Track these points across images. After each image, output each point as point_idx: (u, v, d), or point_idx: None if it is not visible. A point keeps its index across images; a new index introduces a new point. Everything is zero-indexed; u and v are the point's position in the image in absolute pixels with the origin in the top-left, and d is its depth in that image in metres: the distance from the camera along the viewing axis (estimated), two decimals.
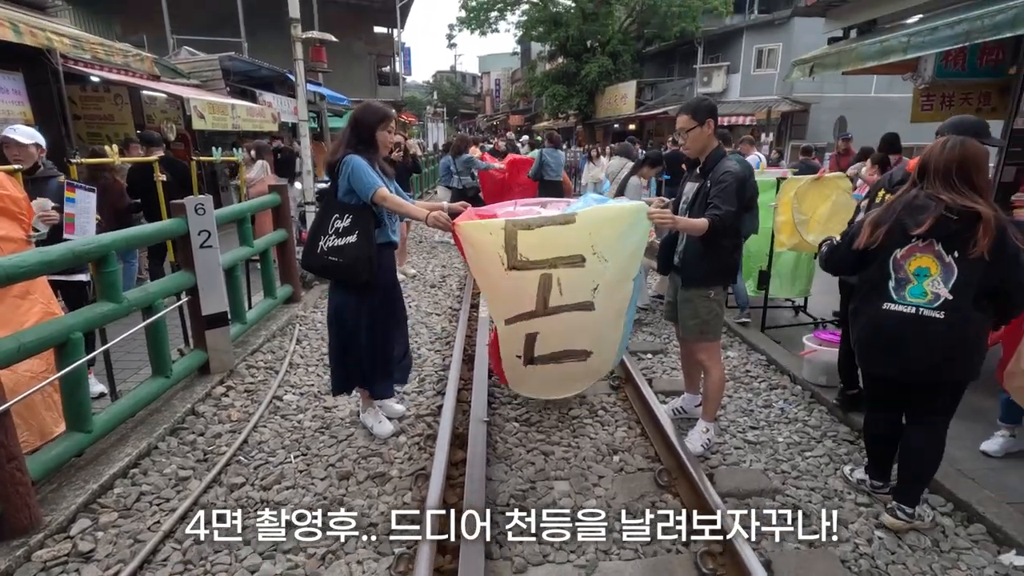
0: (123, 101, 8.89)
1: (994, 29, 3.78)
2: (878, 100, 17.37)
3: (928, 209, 2.12)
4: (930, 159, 2.18)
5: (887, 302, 2.25)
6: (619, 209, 2.74)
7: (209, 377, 3.63)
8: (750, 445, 3.10)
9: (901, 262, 2.22)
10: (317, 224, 2.80)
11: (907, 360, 2.24)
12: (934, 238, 2.14)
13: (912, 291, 2.20)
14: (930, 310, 2.16)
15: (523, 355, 2.85)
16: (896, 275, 2.23)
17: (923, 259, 2.18)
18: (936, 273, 2.15)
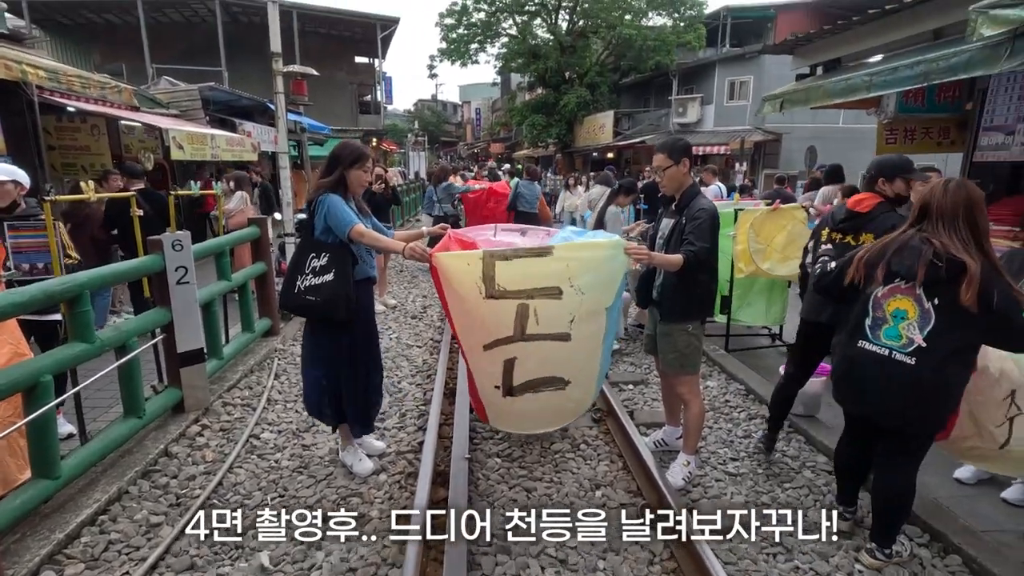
0: (100, 131, 8.81)
1: (950, 71, 3.99)
2: (845, 131, 18.02)
3: (918, 253, 2.08)
4: (932, 201, 2.13)
5: (862, 340, 2.24)
6: (596, 243, 2.78)
7: (183, 416, 3.54)
8: (731, 477, 3.12)
9: (880, 301, 2.20)
10: (295, 263, 2.80)
11: (873, 402, 2.24)
12: (918, 282, 2.10)
13: (887, 332, 2.18)
14: (902, 354, 2.13)
15: (501, 384, 2.80)
16: (874, 313, 2.22)
17: (902, 301, 2.15)
18: (913, 317, 2.12)
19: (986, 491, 2.93)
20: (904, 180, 2.84)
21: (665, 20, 23.42)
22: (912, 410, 2.17)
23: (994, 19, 3.48)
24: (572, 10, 24.22)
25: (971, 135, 5.71)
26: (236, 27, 20.42)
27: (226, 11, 19.01)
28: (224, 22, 18.71)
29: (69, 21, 19.89)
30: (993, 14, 3.48)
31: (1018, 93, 5.10)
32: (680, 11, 22.86)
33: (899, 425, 2.25)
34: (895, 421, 2.24)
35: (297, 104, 8.33)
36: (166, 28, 20.75)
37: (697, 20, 22.45)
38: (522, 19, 25.24)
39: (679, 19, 22.85)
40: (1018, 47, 3.52)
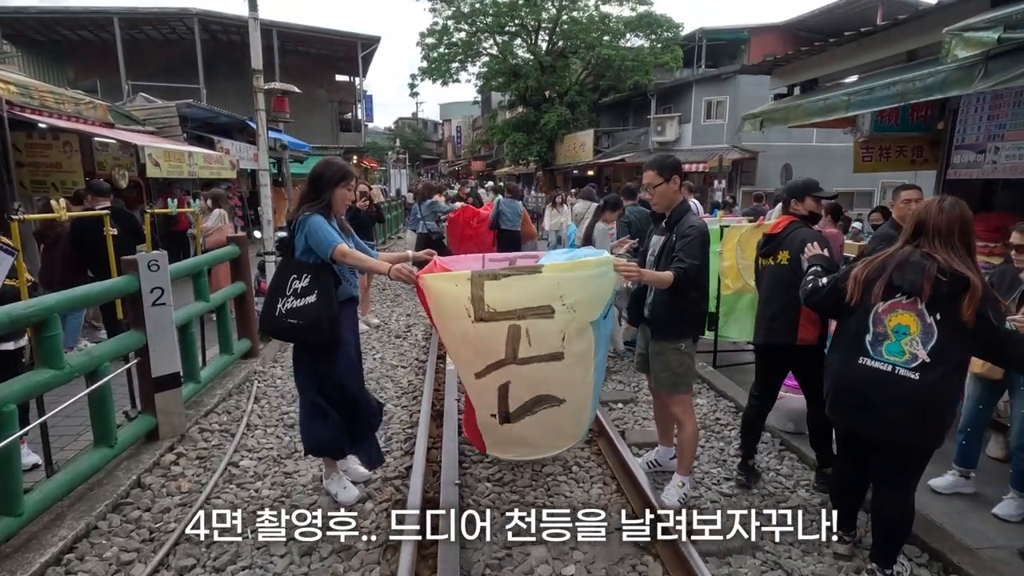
0: (72, 148, 8.58)
1: (925, 91, 4.08)
2: (819, 149, 18.50)
3: (921, 268, 2.10)
4: (928, 218, 2.16)
5: (863, 356, 2.22)
6: (586, 261, 2.73)
7: (158, 443, 3.38)
8: (725, 498, 3.07)
9: (881, 316, 2.19)
10: (275, 286, 2.70)
11: (877, 418, 2.21)
12: (918, 296, 2.11)
13: (889, 348, 2.17)
14: (906, 370, 2.13)
15: (498, 412, 2.70)
16: (874, 329, 2.20)
17: (904, 316, 2.15)
18: (916, 332, 2.12)
19: (974, 506, 2.93)
20: (814, 198, 3.05)
21: (643, 41, 23.90)
22: (917, 425, 2.16)
23: (968, 41, 3.57)
24: (552, 31, 24.59)
25: (944, 153, 5.86)
26: (215, 45, 20.30)
27: (205, 29, 18.89)
28: (203, 40, 18.58)
29: (43, 37, 19.56)
30: (967, 36, 3.57)
31: (987, 113, 5.24)
32: (657, 33, 23.37)
33: (903, 441, 2.22)
34: (900, 437, 2.21)
35: (278, 121, 8.23)
36: (143, 45, 20.54)
37: (674, 42, 22.95)
38: (502, 39, 25.54)
39: (656, 40, 23.33)
40: (991, 68, 3.61)
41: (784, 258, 2.94)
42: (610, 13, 23.76)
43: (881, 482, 2.38)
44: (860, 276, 2.24)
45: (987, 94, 5.04)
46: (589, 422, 3.03)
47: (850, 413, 2.32)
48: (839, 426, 2.50)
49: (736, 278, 4.68)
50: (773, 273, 3.01)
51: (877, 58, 5.33)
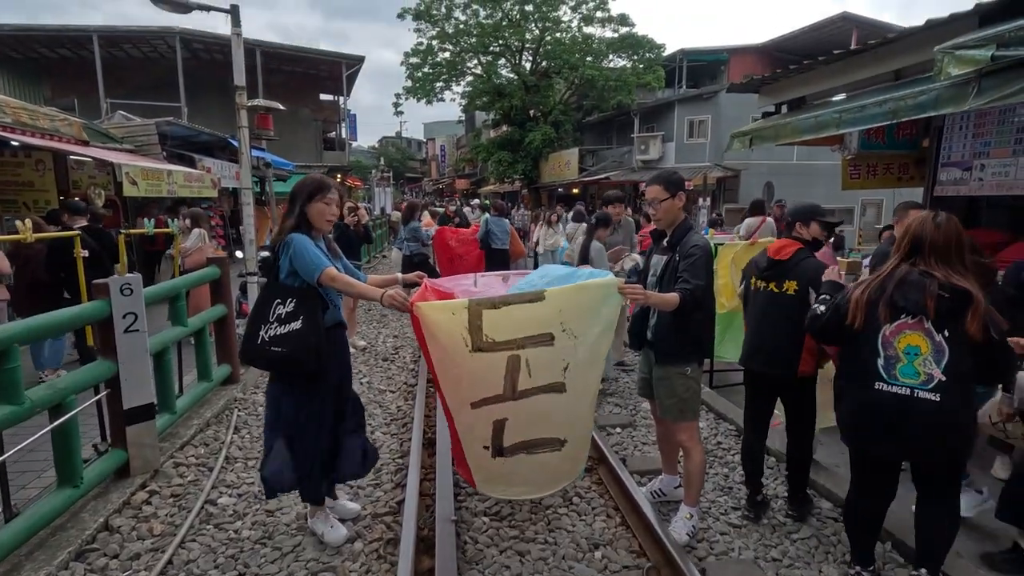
0: (46, 167, 8.33)
1: (918, 108, 4.08)
2: (800, 167, 18.81)
3: (922, 287, 2.08)
4: (924, 235, 2.14)
5: (878, 381, 2.16)
6: (589, 285, 2.60)
7: (129, 480, 3.15)
8: (735, 529, 2.92)
9: (890, 339, 2.14)
10: (257, 311, 2.53)
11: (904, 443, 2.15)
12: (924, 315, 2.08)
13: (903, 370, 2.12)
14: (925, 391, 2.08)
15: (491, 445, 2.53)
16: (885, 352, 2.15)
17: (913, 337, 2.11)
18: (927, 352, 2.09)
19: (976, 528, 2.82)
20: (819, 223, 2.99)
21: (625, 62, 24.28)
22: (946, 445, 2.10)
23: (960, 59, 3.57)
24: (535, 51, 24.87)
25: (930, 171, 5.90)
26: (197, 64, 20.13)
27: (186, 47, 18.73)
28: (185, 58, 18.40)
29: (19, 55, 19.21)
30: (959, 54, 3.57)
31: (972, 131, 5.29)
32: (639, 54, 23.76)
33: (937, 463, 2.16)
34: (933, 459, 2.15)
35: (261, 139, 8.07)
36: (123, 63, 20.29)
37: (656, 62, 23.34)
38: (487, 59, 25.75)
39: (638, 61, 23.72)
40: (985, 86, 3.61)
41: (791, 288, 2.82)
42: (593, 34, 24.16)
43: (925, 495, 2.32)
44: (861, 298, 2.20)
45: (972, 113, 5.10)
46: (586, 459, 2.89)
47: (874, 440, 2.23)
48: (858, 453, 2.37)
49: (731, 296, 4.61)
50: (775, 300, 2.88)
51: (865, 77, 5.36)
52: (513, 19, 23.79)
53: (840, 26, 19.03)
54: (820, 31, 19.65)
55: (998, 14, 3.85)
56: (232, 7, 5.74)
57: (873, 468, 2.35)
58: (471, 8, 24.17)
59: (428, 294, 2.65)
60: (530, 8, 23.51)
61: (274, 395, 2.61)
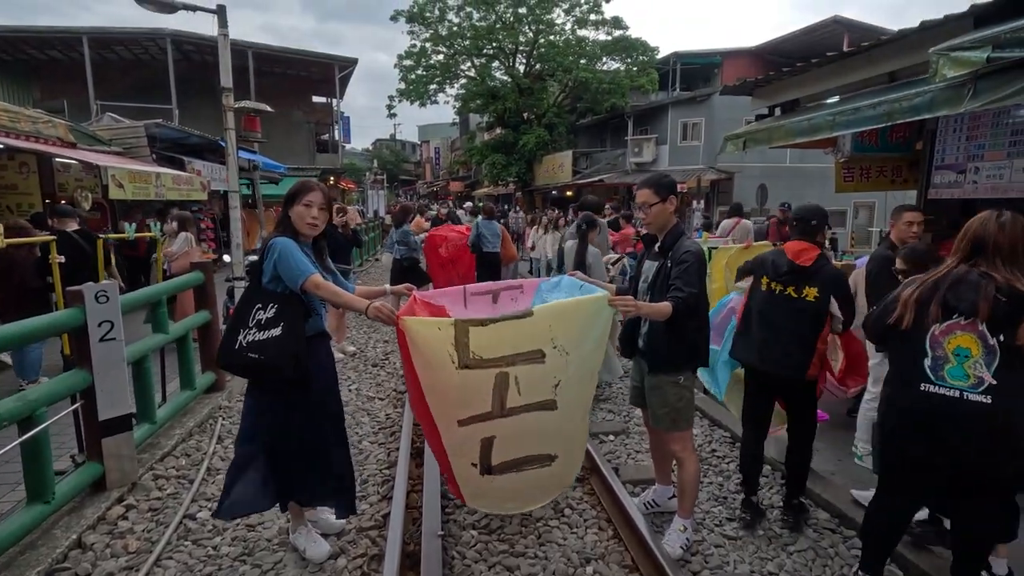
0: (30, 170, 8.21)
1: (913, 111, 4.03)
2: (792, 169, 18.85)
3: (978, 288, 1.98)
4: (986, 235, 2.05)
5: (924, 383, 2.06)
6: (579, 300, 2.52)
7: (105, 494, 3.04)
8: (730, 541, 2.85)
9: (939, 339, 2.05)
10: (236, 316, 2.43)
11: (953, 448, 2.02)
12: (976, 317, 1.99)
13: (952, 372, 2.02)
14: (975, 394, 1.98)
15: (479, 463, 2.47)
16: (933, 353, 2.05)
17: (964, 338, 2.01)
18: (977, 355, 1.99)
19: None
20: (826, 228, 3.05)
21: (619, 65, 24.27)
22: (997, 451, 1.97)
23: (955, 61, 3.53)
24: (529, 54, 24.84)
25: (923, 173, 5.88)
26: (188, 66, 19.97)
27: (178, 49, 18.58)
28: (176, 60, 18.26)
29: (8, 57, 19.00)
30: (955, 56, 3.52)
31: (965, 134, 5.27)
32: (633, 56, 23.76)
33: (987, 469, 2.02)
34: (983, 465, 2.01)
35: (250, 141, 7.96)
36: (113, 65, 20.11)
37: (649, 65, 23.34)
38: (480, 62, 25.70)
39: (632, 64, 23.72)
40: (980, 88, 3.56)
41: (812, 295, 2.77)
42: (586, 37, 24.14)
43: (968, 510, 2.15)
44: (911, 298, 2.11)
45: (965, 115, 5.07)
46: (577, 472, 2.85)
47: (917, 444, 2.11)
48: (894, 458, 2.24)
49: None
50: (791, 304, 2.82)
51: (858, 79, 5.33)
52: (507, 22, 23.76)
53: (832, 30, 19.11)
54: (812, 35, 19.73)
55: (993, 15, 3.81)
56: (219, 7, 5.65)
57: (907, 473, 2.21)
58: (465, 10, 24.13)
59: (417, 307, 2.57)
60: (524, 11, 23.49)
61: (249, 406, 2.52)
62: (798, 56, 12.81)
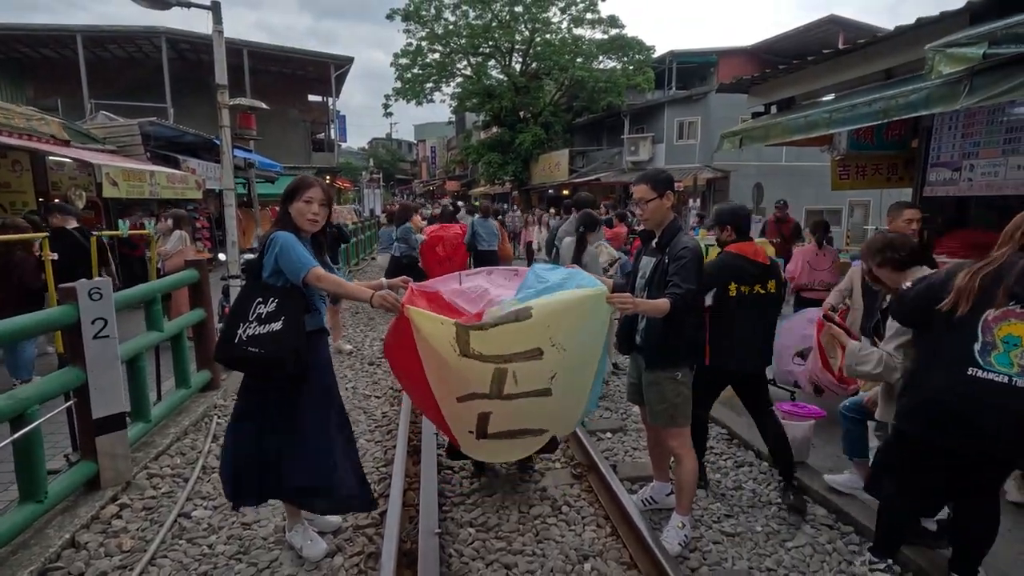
0: (23, 167, 8.15)
1: (909, 107, 4.03)
2: (788, 168, 18.87)
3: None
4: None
5: (972, 367, 2.02)
6: (577, 298, 2.55)
7: (98, 493, 3.01)
8: (728, 538, 2.84)
9: (991, 324, 2.02)
10: (236, 310, 2.41)
11: (995, 435, 2.01)
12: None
13: (998, 359, 1.99)
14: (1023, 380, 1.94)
15: (475, 431, 2.74)
16: (983, 338, 2.02)
17: (1017, 326, 1.98)
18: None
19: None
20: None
21: (615, 63, 24.29)
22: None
23: (951, 57, 3.53)
24: (525, 53, 24.83)
25: (919, 171, 5.89)
26: (183, 64, 19.89)
27: (173, 48, 18.50)
28: (171, 59, 18.18)
29: (1, 55, 18.88)
30: (951, 52, 3.52)
31: (961, 131, 5.28)
32: (629, 55, 23.78)
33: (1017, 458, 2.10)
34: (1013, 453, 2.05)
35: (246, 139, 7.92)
36: (108, 63, 20.01)
37: (645, 64, 23.37)
38: (476, 60, 25.67)
39: (628, 63, 23.73)
40: (976, 84, 3.56)
41: (772, 286, 3.04)
42: (582, 36, 24.16)
43: (970, 493, 2.25)
44: (969, 284, 2.06)
45: (960, 113, 5.08)
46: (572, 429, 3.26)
47: (956, 429, 2.08)
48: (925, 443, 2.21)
49: None
50: (763, 300, 3.03)
51: (854, 76, 5.33)
52: (503, 20, 23.74)
53: (828, 28, 19.15)
54: (808, 33, 19.76)
55: (989, 11, 3.81)
56: (213, 4, 5.61)
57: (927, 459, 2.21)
58: (461, 9, 24.10)
59: (415, 297, 2.60)
60: (520, 9, 23.48)
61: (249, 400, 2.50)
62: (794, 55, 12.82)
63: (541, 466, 3.50)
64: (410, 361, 2.60)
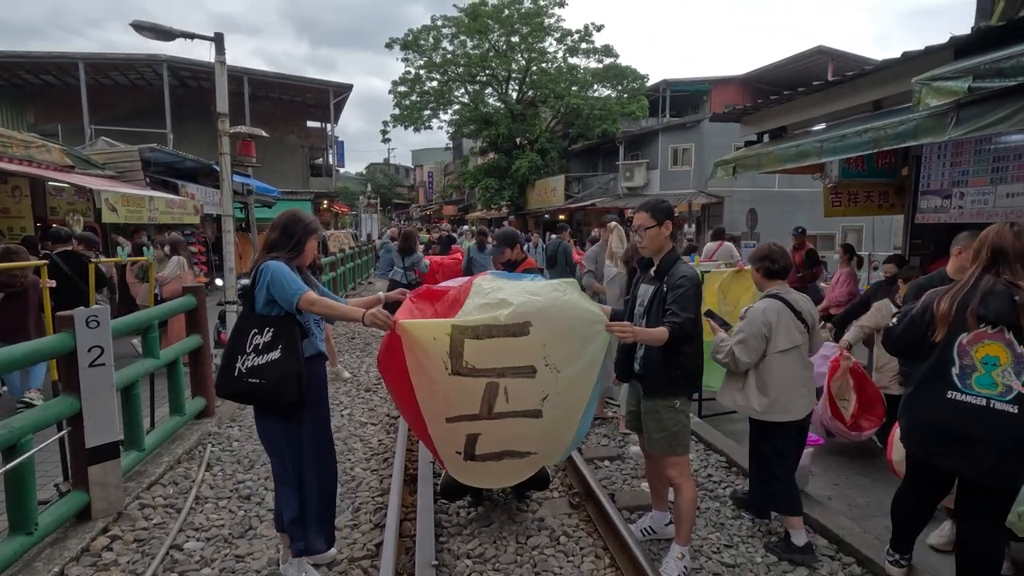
0: (22, 193, 8.19)
1: (898, 138, 4.13)
2: (782, 194, 19.13)
3: (1007, 296, 2.04)
4: (1005, 245, 2.12)
5: (951, 390, 2.10)
6: (577, 321, 2.57)
7: (89, 524, 2.96)
8: (728, 569, 2.81)
9: (967, 348, 2.09)
10: (233, 343, 2.41)
11: (976, 457, 2.06)
12: (1006, 326, 2.04)
13: (980, 380, 2.06)
14: (1003, 403, 2.02)
15: (463, 452, 2.73)
16: (960, 361, 2.10)
17: (992, 347, 2.06)
18: (1007, 363, 2.03)
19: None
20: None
21: (610, 92, 24.76)
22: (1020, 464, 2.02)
23: (938, 90, 3.63)
24: (521, 81, 25.30)
25: (910, 199, 6.00)
26: (185, 91, 20.16)
27: (174, 75, 18.76)
28: (172, 85, 18.42)
29: (3, 81, 19.10)
30: (936, 85, 3.63)
31: (949, 160, 5.39)
32: (623, 84, 24.27)
33: (1008, 482, 2.09)
34: (1000, 478, 2.07)
35: (245, 166, 7.99)
36: (109, 90, 20.25)
37: (639, 92, 23.82)
38: (474, 88, 26.13)
39: (623, 91, 24.20)
40: (963, 116, 3.66)
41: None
42: (578, 65, 24.65)
43: (968, 518, 2.26)
44: (944, 309, 2.15)
45: (948, 143, 5.19)
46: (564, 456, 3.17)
47: (940, 451, 2.16)
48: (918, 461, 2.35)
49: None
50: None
51: (844, 107, 5.45)
52: (500, 50, 24.24)
53: (817, 59, 19.61)
54: (798, 63, 20.24)
55: (971, 46, 3.93)
56: (216, 35, 5.73)
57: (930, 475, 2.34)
58: (458, 39, 24.62)
59: (411, 307, 2.65)
60: (516, 39, 24.00)
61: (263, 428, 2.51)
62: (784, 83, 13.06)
63: (539, 495, 3.46)
64: (400, 379, 2.60)
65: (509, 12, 23.50)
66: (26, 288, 4.58)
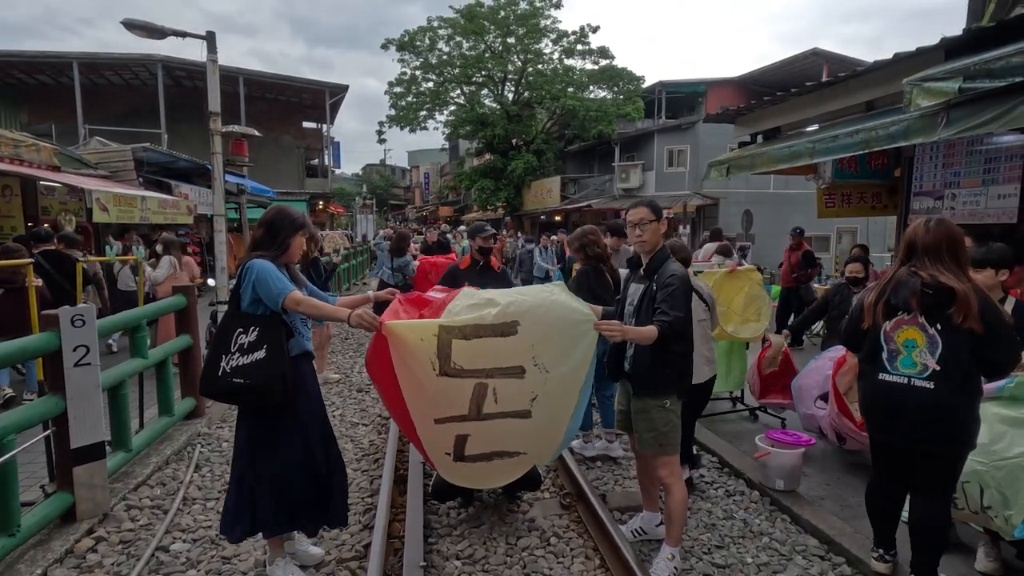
0: (12, 193, 8.13)
1: (889, 139, 4.14)
2: (776, 195, 19.16)
3: (910, 285, 2.29)
4: (916, 239, 2.34)
5: (882, 372, 2.38)
6: (565, 321, 2.55)
7: (74, 526, 2.92)
8: (719, 569, 2.80)
9: (891, 334, 2.36)
10: (217, 343, 2.39)
11: (901, 427, 2.32)
12: (917, 311, 2.28)
13: (903, 362, 2.32)
14: (921, 380, 2.27)
15: (452, 453, 2.72)
16: (888, 347, 2.37)
17: (910, 331, 2.32)
18: (922, 344, 2.28)
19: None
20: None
21: (605, 93, 24.77)
22: (941, 432, 2.24)
23: (928, 91, 3.64)
24: (517, 82, 25.29)
25: (903, 200, 6.01)
26: (179, 91, 20.09)
27: (168, 75, 18.69)
28: (166, 85, 18.35)
29: None
30: (927, 86, 3.64)
31: (941, 161, 5.41)
32: (619, 85, 24.28)
33: (930, 448, 2.29)
34: (926, 445, 2.29)
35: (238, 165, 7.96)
36: (103, 90, 20.17)
37: (635, 93, 23.83)
38: (470, 89, 26.10)
39: (618, 92, 24.22)
40: (953, 117, 3.67)
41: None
42: (573, 66, 24.64)
43: (917, 492, 2.43)
44: (870, 302, 2.42)
45: (940, 144, 5.21)
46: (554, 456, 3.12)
47: (880, 425, 2.45)
48: (873, 440, 2.56)
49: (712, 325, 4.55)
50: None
51: (837, 108, 5.47)
52: (496, 51, 24.23)
53: (811, 61, 19.68)
54: (793, 65, 20.30)
55: (962, 47, 3.94)
56: (208, 33, 5.71)
57: (887, 456, 2.50)
58: (454, 40, 24.59)
59: (400, 308, 2.63)
60: (512, 41, 23.99)
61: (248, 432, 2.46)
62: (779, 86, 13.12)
63: (530, 496, 3.44)
64: (388, 380, 2.57)
65: (505, 13, 23.50)
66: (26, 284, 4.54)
